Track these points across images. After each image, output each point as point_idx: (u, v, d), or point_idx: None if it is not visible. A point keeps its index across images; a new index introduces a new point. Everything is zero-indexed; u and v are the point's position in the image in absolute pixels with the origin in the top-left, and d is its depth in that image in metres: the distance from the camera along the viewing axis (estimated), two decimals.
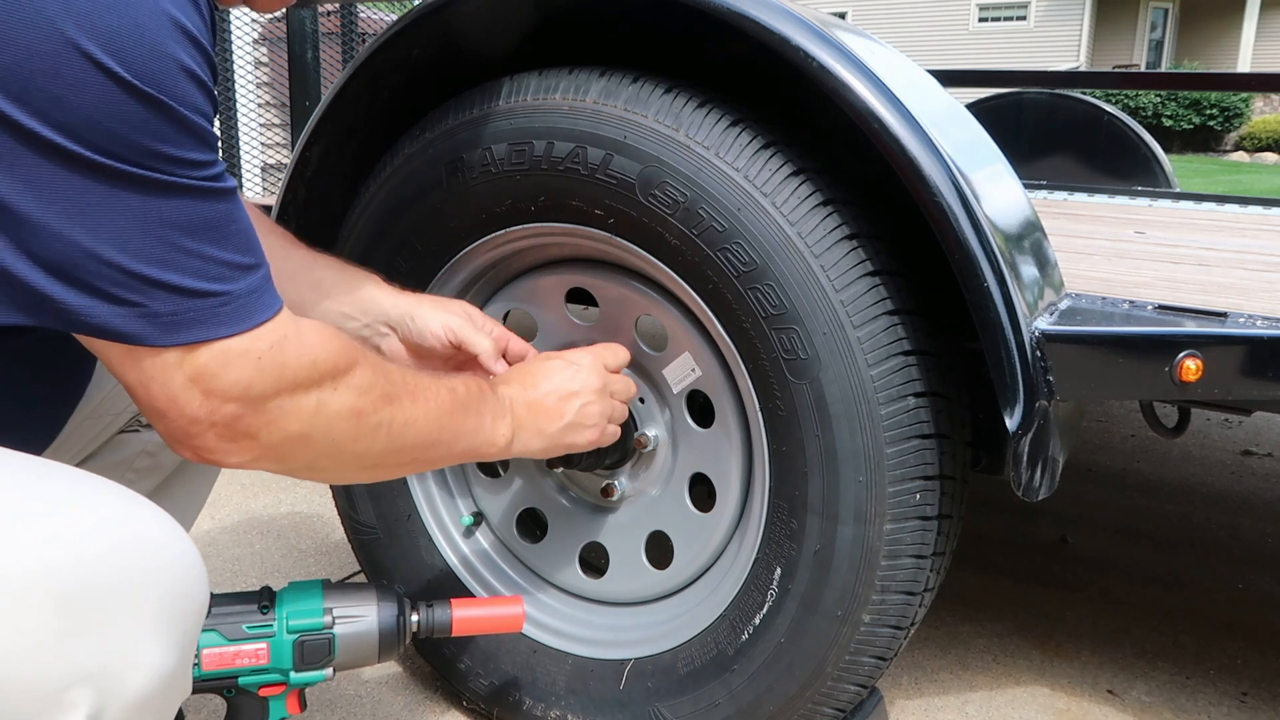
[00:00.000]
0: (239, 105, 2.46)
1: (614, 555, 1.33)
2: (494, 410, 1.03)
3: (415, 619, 1.08)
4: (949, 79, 2.85)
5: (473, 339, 1.15)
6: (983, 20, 22.53)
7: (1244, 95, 17.99)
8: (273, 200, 1.47)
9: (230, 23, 2.49)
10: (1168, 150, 3.18)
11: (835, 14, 1.33)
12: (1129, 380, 0.99)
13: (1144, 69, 19.31)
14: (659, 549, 1.29)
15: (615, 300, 1.26)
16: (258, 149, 2.77)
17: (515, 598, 1.13)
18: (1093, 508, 2.28)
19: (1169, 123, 18.33)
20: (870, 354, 1.04)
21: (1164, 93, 18.22)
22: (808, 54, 1.01)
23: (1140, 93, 17.95)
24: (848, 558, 1.08)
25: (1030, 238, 1.08)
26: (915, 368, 1.06)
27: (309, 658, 1.01)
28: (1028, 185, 1.90)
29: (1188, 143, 18.34)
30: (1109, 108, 3.16)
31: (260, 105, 2.88)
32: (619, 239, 1.15)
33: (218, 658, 0.98)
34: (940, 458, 1.08)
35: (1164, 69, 19.45)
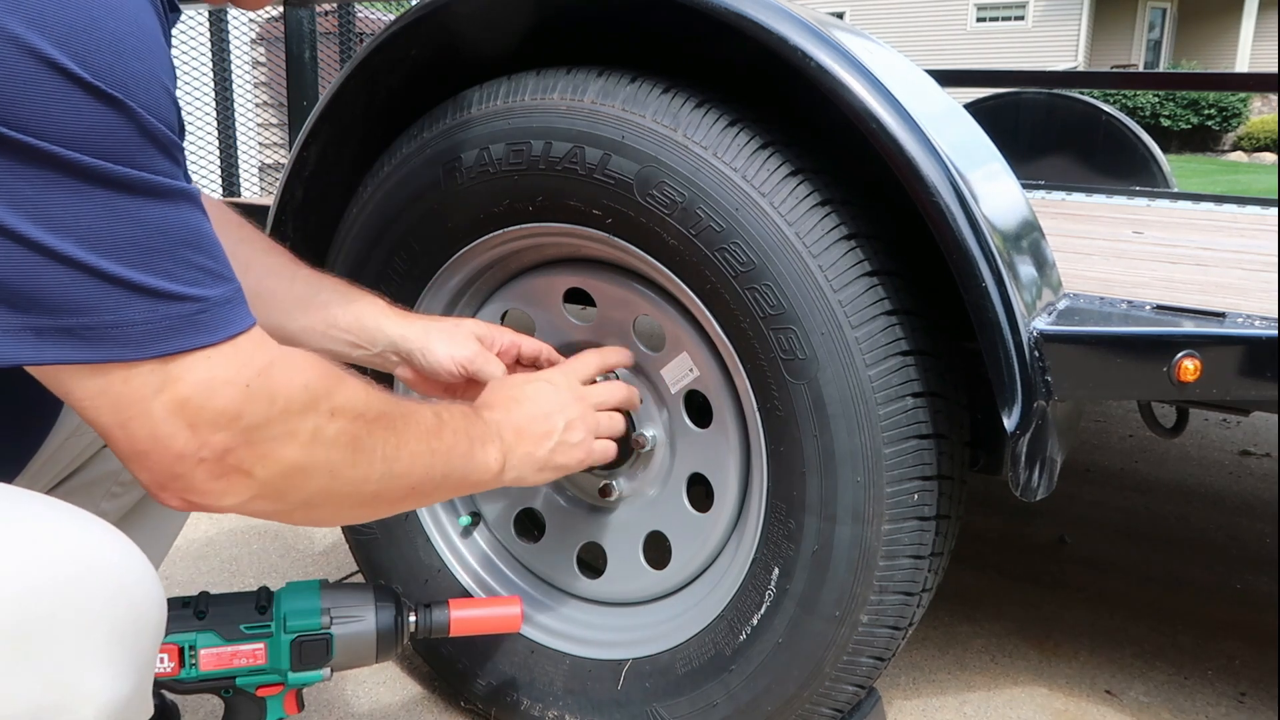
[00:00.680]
0: (236, 105, 2.45)
1: (612, 555, 1.33)
2: (481, 435, 0.99)
3: (413, 619, 1.08)
4: (947, 79, 2.85)
5: (485, 369, 1.14)
6: (981, 20, 22.55)
7: (1242, 95, 18.02)
8: (270, 200, 1.47)
9: (228, 23, 2.49)
10: (1166, 150, 3.18)
11: (833, 14, 1.33)
12: (1127, 380, 0.99)
13: (1142, 69, 19.33)
14: (657, 549, 1.29)
15: (613, 300, 1.25)
16: (255, 149, 2.77)
17: (513, 598, 1.13)
18: (1091, 508, 2.28)
19: (1167, 122, 18.35)
20: (868, 354, 1.04)
21: (1162, 92, 18.24)
22: (806, 54, 1.01)
23: (1138, 92, 17.97)
24: (846, 558, 1.08)
25: (1028, 238, 1.08)
26: (913, 368, 1.06)
27: (306, 658, 1.01)
28: (1026, 185, 1.90)
29: (1186, 142, 18.36)
30: (1107, 107, 3.16)
31: (258, 105, 2.88)
32: (617, 239, 1.15)
33: (215, 658, 0.98)
34: (938, 458, 1.08)
35: (1162, 69, 19.46)
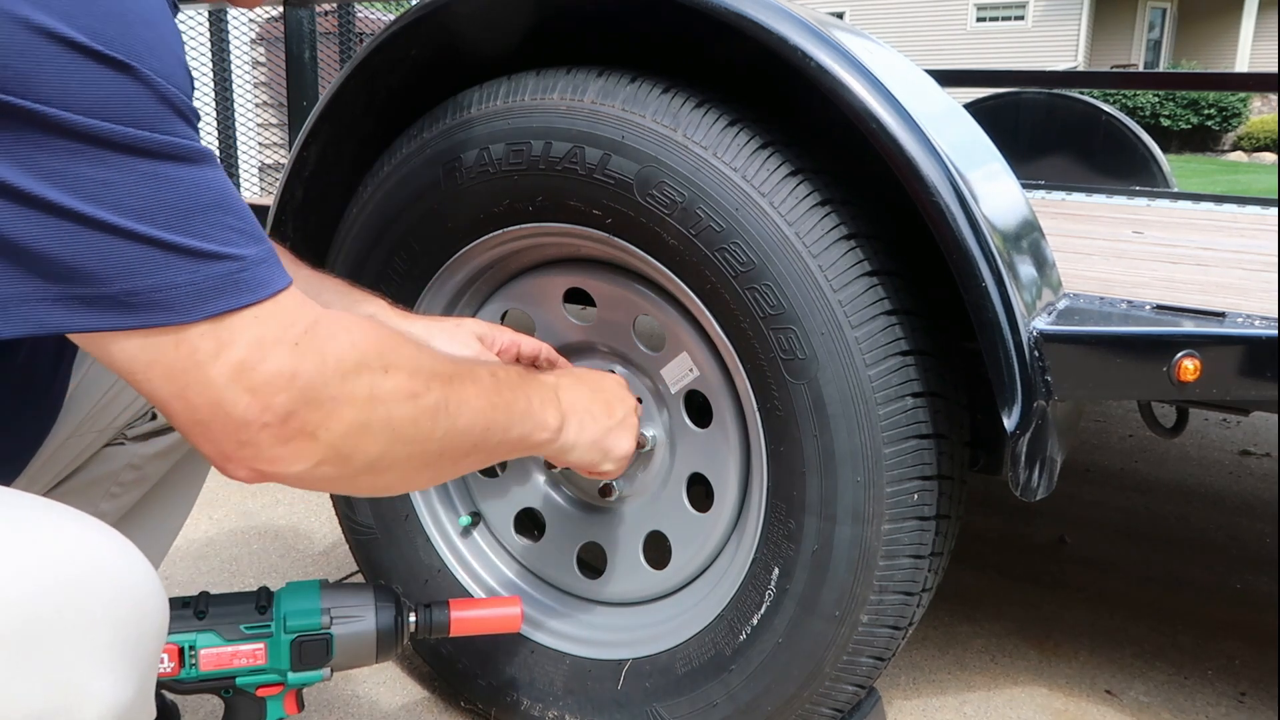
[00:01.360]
0: (236, 105, 2.45)
1: (612, 555, 1.33)
2: (540, 395, 0.99)
3: (413, 619, 1.08)
4: (947, 79, 2.85)
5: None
6: (980, 20, 22.55)
7: (1242, 95, 18.02)
8: (270, 200, 1.47)
9: (228, 22, 2.49)
10: (1166, 150, 3.18)
11: (833, 14, 1.33)
12: (1127, 380, 0.99)
13: (1142, 69, 19.32)
14: (657, 549, 1.29)
15: (613, 300, 1.25)
16: (255, 149, 2.77)
17: (513, 598, 1.13)
18: (1091, 508, 2.28)
19: (1167, 122, 18.35)
20: (868, 354, 1.04)
21: (1162, 92, 18.22)
22: (806, 54, 1.01)
23: (1138, 92, 17.97)
24: (845, 558, 1.08)
25: (1028, 237, 1.08)
26: (913, 368, 1.06)
27: (306, 658, 1.01)
28: (1026, 185, 1.90)
29: (1186, 142, 18.36)
30: (1107, 107, 3.16)
31: (258, 105, 2.88)
32: (617, 239, 1.15)
33: (215, 658, 0.98)
34: (938, 458, 1.08)
35: (1162, 69, 19.47)
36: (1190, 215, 2.31)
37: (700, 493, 1.25)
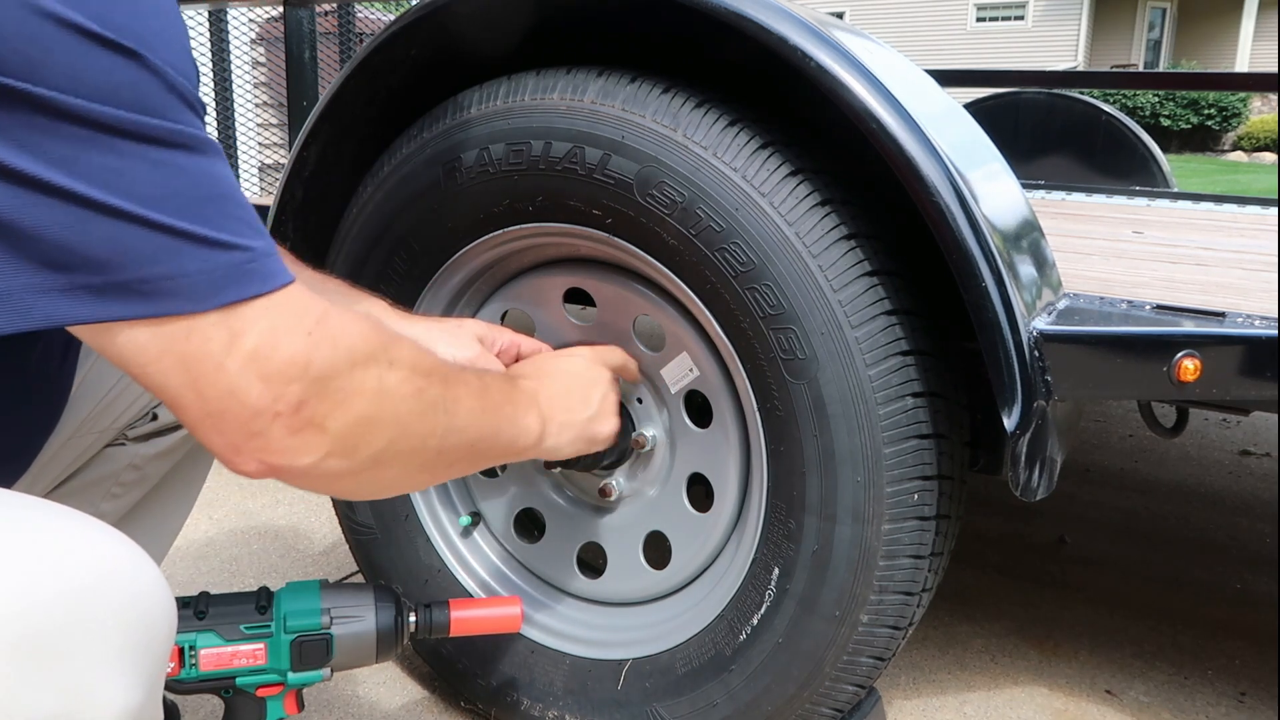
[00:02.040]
0: (236, 105, 2.45)
1: (612, 555, 1.33)
2: (522, 401, 1.01)
3: (413, 619, 1.08)
4: (947, 79, 2.85)
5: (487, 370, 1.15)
6: (980, 20, 22.55)
7: (1242, 95, 18.02)
8: (270, 200, 1.47)
9: (228, 23, 2.49)
10: (1166, 150, 3.18)
11: (833, 14, 1.33)
12: (1127, 380, 0.99)
13: (1142, 69, 19.33)
14: (657, 549, 1.29)
15: (613, 300, 1.25)
16: (255, 149, 2.77)
17: (513, 598, 1.13)
18: (1091, 508, 2.28)
19: (1167, 122, 18.35)
20: (868, 354, 1.04)
21: (1162, 92, 18.22)
22: (805, 54, 1.01)
23: (1138, 92, 17.97)
24: (846, 558, 1.08)
25: (1028, 237, 1.08)
26: (913, 368, 1.06)
27: (306, 658, 1.01)
28: (1026, 185, 1.90)
29: (1186, 142, 18.36)
30: (1107, 107, 3.16)
31: (257, 105, 2.88)
32: (617, 239, 1.15)
33: (215, 658, 0.98)
34: (938, 458, 1.08)
35: (1162, 69, 19.47)
36: (1190, 215, 2.31)
37: (700, 493, 1.25)
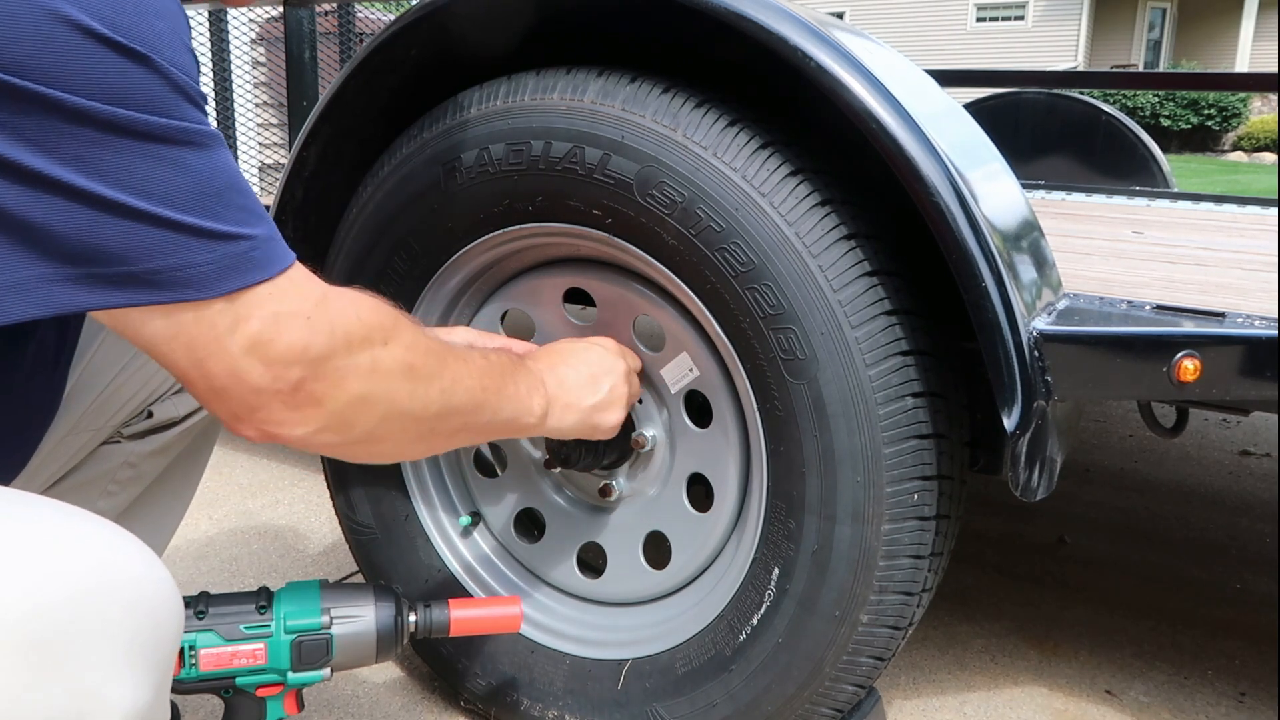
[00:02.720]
0: (236, 105, 2.45)
1: (612, 555, 1.33)
2: (527, 381, 1.05)
3: (413, 619, 1.08)
4: (947, 79, 2.85)
5: None
6: (980, 20, 22.55)
7: (1242, 95, 18.02)
8: (270, 200, 1.47)
9: (228, 23, 2.49)
10: (1165, 150, 3.19)
11: (833, 14, 1.33)
12: (1127, 380, 0.99)
13: (1142, 69, 19.32)
14: (657, 549, 1.29)
15: (613, 300, 1.25)
16: (255, 149, 2.77)
17: (513, 598, 1.13)
18: (1091, 508, 2.28)
19: (1167, 122, 18.35)
20: (868, 354, 1.04)
21: (1162, 92, 18.23)
22: (805, 54, 1.01)
23: (1138, 92, 17.96)
24: (845, 558, 1.08)
25: (1028, 237, 1.08)
26: (913, 368, 1.06)
27: (306, 658, 1.01)
28: (1026, 185, 1.90)
29: (1185, 142, 18.36)
30: (1107, 107, 3.16)
31: (258, 105, 2.88)
32: (616, 239, 1.15)
33: (215, 658, 0.98)
34: (938, 458, 1.08)
35: (1162, 69, 19.46)
36: (1190, 215, 2.31)
37: (700, 493, 1.25)
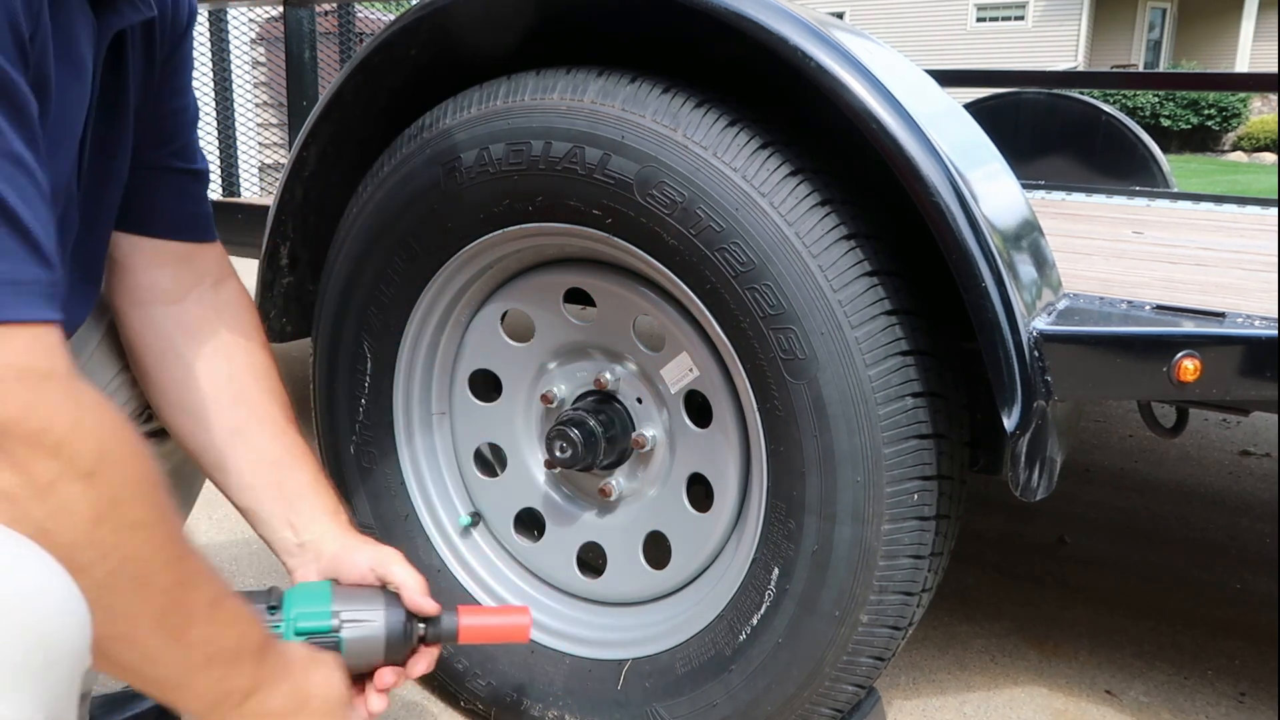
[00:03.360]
0: (236, 105, 2.45)
1: (612, 555, 1.33)
2: (238, 677, 0.79)
3: (421, 626, 1.07)
4: (947, 79, 2.85)
5: (399, 573, 1.04)
6: (980, 20, 22.54)
7: (1242, 95, 18.01)
8: (270, 200, 1.47)
9: (228, 23, 2.49)
10: (1165, 150, 3.19)
11: (833, 14, 1.33)
12: (1127, 380, 0.99)
13: (1142, 69, 19.32)
14: (657, 549, 1.29)
15: (613, 300, 1.25)
16: (255, 149, 2.77)
17: (523, 608, 1.12)
18: (1091, 508, 2.28)
19: (1167, 122, 18.34)
20: (868, 354, 1.04)
21: (1162, 92, 18.22)
22: (805, 54, 1.01)
23: (1138, 92, 17.96)
24: (845, 558, 1.08)
25: (1028, 238, 1.08)
26: (913, 368, 1.06)
27: None
28: (1026, 185, 1.90)
29: (1185, 142, 18.35)
30: (1107, 107, 3.16)
31: (257, 105, 2.88)
32: (617, 239, 1.15)
33: None
34: (938, 458, 1.08)
35: (1162, 69, 19.46)
36: (1190, 215, 2.31)
37: (700, 493, 1.25)
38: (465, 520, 1.43)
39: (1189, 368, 0.96)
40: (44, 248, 0.67)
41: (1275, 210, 2.44)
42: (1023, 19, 22.22)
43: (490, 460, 1.45)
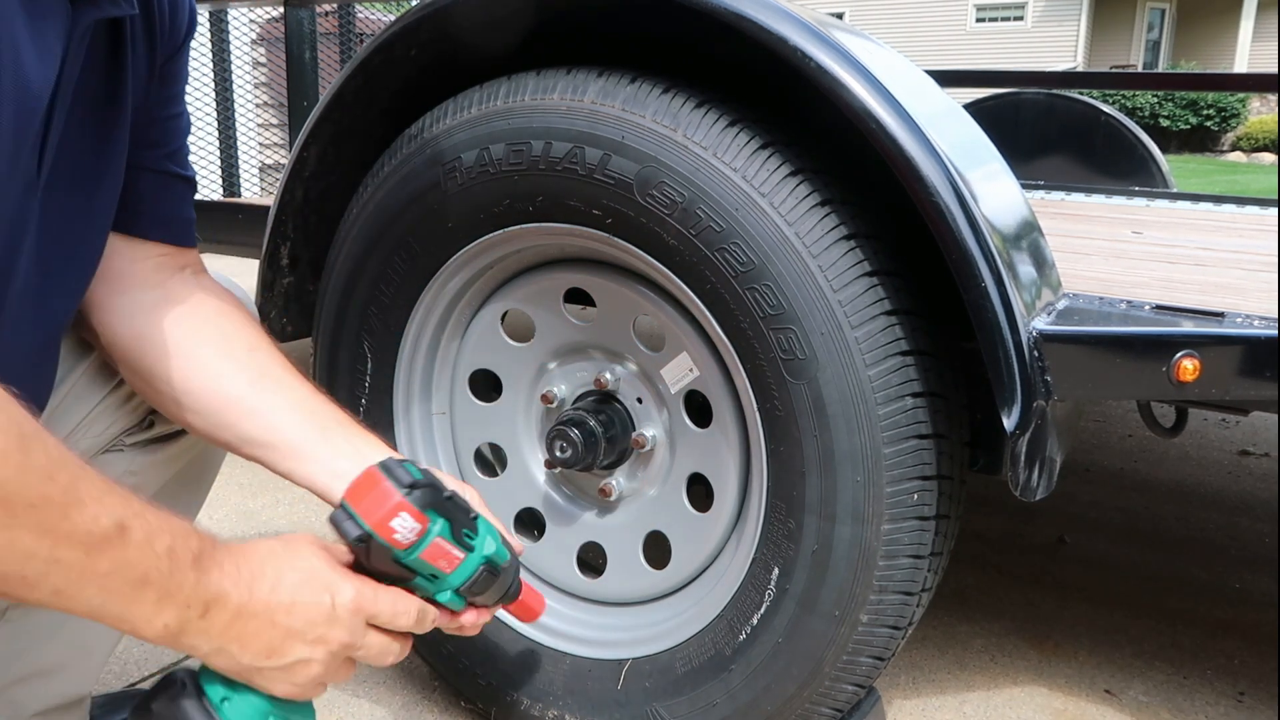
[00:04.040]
0: (236, 105, 2.45)
1: (612, 555, 1.33)
2: (177, 592, 0.72)
3: None
4: (946, 79, 2.86)
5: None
6: (980, 20, 22.55)
7: (1241, 95, 18.04)
8: (270, 200, 1.47)
9: (228, 23, 2.49)
10: (1165, 150, 3.20)
11: (833, 14, 1.33)
12: (1126, 380, 1.00)
13: (1141, 69, 19.34)
14: (657, 549, 1.29)
15: (613, 300, 1.26)
16: (255, 149, 2.77)
17: (540, 597, 1.07)
18: (1090, 508, 2.28)
19: (1166, 123, 18.35)
20: (868, 354, 1.04)
21: (1161, 93, 18.25)
22: (805, 54, 1.01)
23: (1137, 93, 17.97)
24: (845, 558, 1.08)
25: (1028, 238, 1.08)
26: (913, 368, 1.06)
27: (475, 587, 0.95)
28: (1025, 185, 1.90)
29: (1185, 143, 18.37)
30: (1106, 108, 3.16)
31: (258, 105, 2.89)
32: (617, 239, 1.15)
33: (437, 550, 0.93)
34: (938, 458, 1.08)
35: (1161, 69, 19.48)
36: (1189, 215, 2.32)
37: (700, 493, 1.25)
38: None
39: (1188, 368, 0.96)
40: None
41: (1274, 210, 2.44)
42: (1022, 19, 22.23)
43: (490, 460, 1.45)
